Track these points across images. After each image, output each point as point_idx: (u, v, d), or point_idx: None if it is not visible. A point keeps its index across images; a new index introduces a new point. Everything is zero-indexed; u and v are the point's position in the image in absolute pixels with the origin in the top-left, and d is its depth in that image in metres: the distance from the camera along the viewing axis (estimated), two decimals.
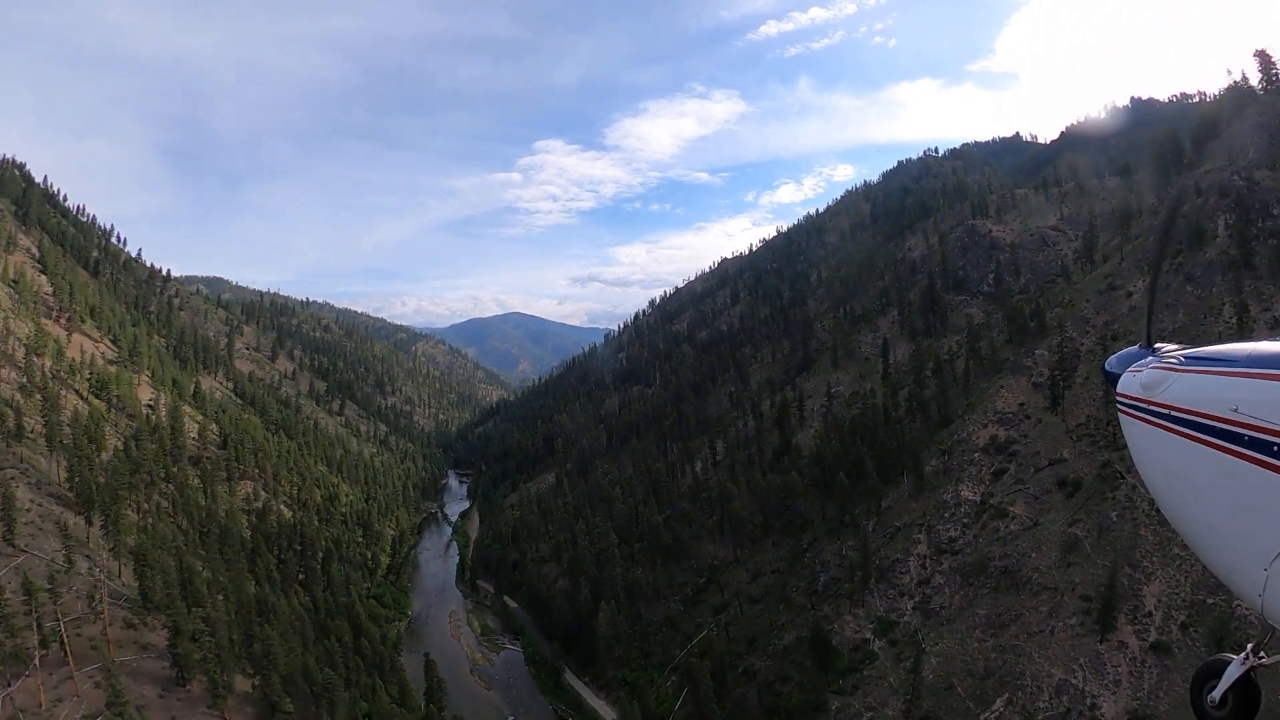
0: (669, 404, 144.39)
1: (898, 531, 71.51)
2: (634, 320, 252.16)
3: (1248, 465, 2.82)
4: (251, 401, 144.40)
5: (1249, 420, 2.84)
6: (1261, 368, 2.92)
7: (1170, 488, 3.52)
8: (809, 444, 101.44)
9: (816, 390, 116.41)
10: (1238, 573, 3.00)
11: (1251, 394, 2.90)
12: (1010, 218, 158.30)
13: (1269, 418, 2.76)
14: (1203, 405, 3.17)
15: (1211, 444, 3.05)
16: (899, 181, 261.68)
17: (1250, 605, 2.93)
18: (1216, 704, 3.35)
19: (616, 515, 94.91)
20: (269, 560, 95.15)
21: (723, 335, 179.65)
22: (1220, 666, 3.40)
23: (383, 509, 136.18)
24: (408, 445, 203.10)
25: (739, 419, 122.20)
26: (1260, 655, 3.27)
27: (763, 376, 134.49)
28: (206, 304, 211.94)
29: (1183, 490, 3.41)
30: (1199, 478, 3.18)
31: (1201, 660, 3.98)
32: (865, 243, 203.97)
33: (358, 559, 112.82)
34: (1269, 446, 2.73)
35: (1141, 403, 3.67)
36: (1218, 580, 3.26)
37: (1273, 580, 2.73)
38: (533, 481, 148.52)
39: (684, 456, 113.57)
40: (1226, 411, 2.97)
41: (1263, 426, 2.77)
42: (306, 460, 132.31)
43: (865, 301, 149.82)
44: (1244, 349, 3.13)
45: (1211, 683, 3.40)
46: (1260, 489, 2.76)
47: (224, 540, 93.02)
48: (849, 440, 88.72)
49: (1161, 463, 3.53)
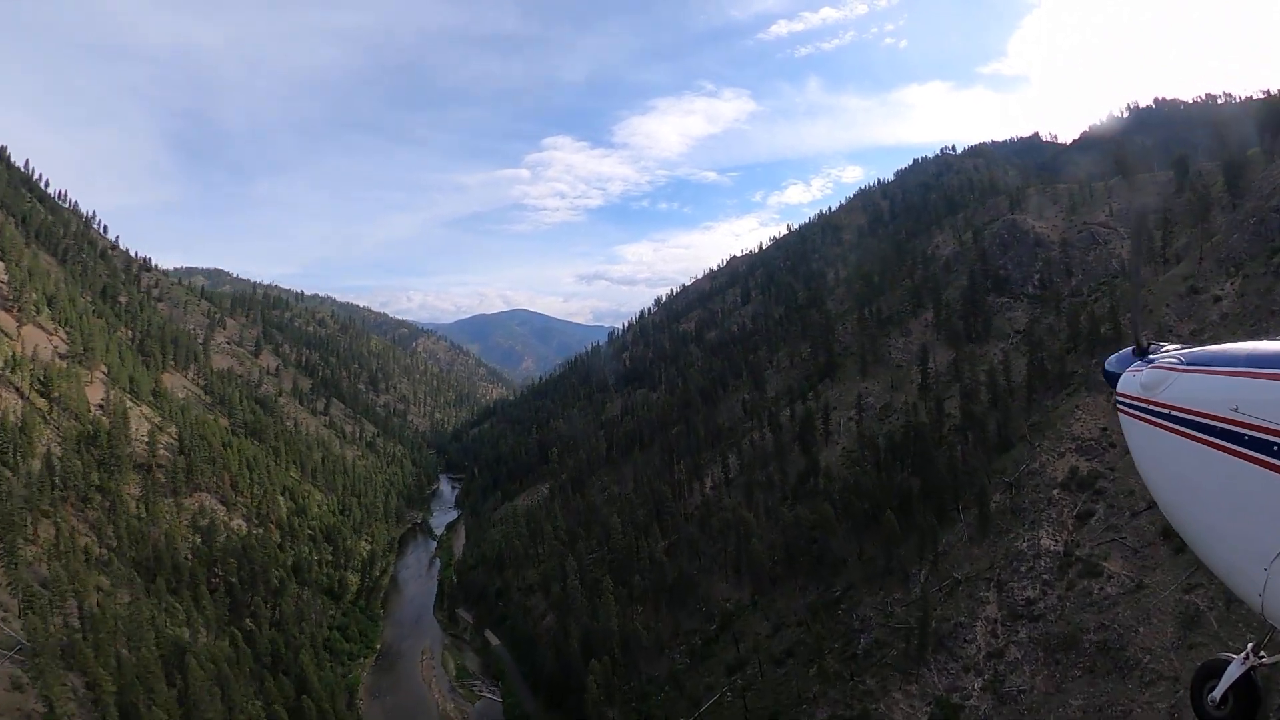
0: (675, 411, 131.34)
1: (957, 585, 58.22)
2: (638, 319, 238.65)
3: (1248, 465, 2.81)
4: (221, 401, 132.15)
5: (1249, 420, 2.82)
6: (1261, 368, 2.91)
7: (1170, 488, 3.47)
8: (836, 463, 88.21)
9: (843, 400, 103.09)
10: (1238, 573, 2.97)
11: (1251, 394, 2.88)
12: (1051, 213, 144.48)
13: (1269, 417, 2.75)
14: (1203, 405, 3.13)
15: (1212, 444, 3.02)
16: (917, 179, 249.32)
17: (1250, 605, 2.90)
18: (1217, 703, 3.28)
19: (614, 545, 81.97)
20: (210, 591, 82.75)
21: (733, 336, 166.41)
22: (1220, 666, 3.32)
23: (360, 521, 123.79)
24: (396, 448, 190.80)
25: (754, 430, 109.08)
26: (1260, 655, 3.22)
27: (780, 383, 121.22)
28: (189, 295, 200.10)
29: (1183, 490, 3.37)
30: (1199, 477, 3.15)
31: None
32: (886, 239, 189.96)
33: (324, 581, 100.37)
34: (1269, 446, 2.72)
35: (1141, 403, 3.59)
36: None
37: (1273, 580, 2.71)
38: (525, 493, 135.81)
39: (692, 472, 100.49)
40: (1226, 411, 2.94)
41: (1263, 426, 2.76)
42: (275, 467, 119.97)
43: (892, 302, 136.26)
44: (1244, 349, 3.10)
45: (1212, 682, 3.31)
46: (1260, 489, 2.75)
47: (158, 567, 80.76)
48: (888, 463, 75.46)
49: (1162, 463, 3.47)
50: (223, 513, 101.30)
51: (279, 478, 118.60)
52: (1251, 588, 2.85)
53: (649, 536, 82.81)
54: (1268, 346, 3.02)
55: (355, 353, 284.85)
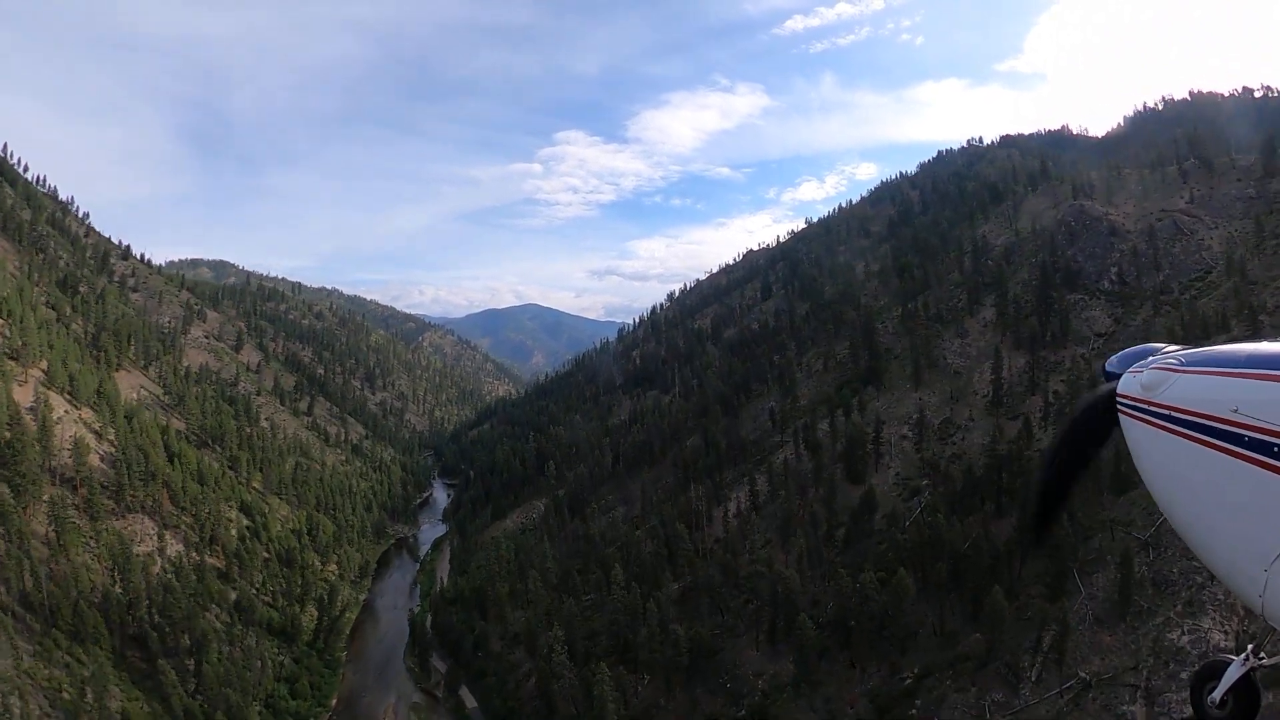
0: (691, 419, 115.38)
1: (1086, 690, 41.82)
2: (650, 314, 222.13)
3: (1248, 466, 2.80)
4: (180, 402, 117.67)
5: (1249, 421, 2.83)
6: (1262, 368, 2.91)
7: (1170, 488, 3.45)
8: (890, 493, 71.77)
9: (892, 413, 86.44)
10: (1238, 573, 2.97)
11: (1252, 394, 2.87)
12: (1120, 199, 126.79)
13: (1269, 418, 2.76)
14: (1203, 406, 3.11)
15: (1212, 445, 3.01)
16: (945, 170, 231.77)
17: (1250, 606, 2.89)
18: (1217, 705, 3.26)
19: (615, 597, 66.07)
20: (125, 640, 68.07)
21: (754, 335, 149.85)
22: (1220, 667, 3.30)
23: (330, 540, 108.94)
24: (386, 451, 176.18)
25: (785, 446, 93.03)
26: (1260, 656, 3.21)
27: (813, 389, 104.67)
28: (167, 286, 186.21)
29: (1183, 491, 3.36)
30: (1199, 478, 3.14)
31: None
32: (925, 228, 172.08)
33: (275, 619, 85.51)
34: (1269, 447, 2.73)
35: (1141, 403, 3.55)
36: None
37: (1273, 581, 2.72)
38: (519, 509, 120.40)
39: (712, 496, 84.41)
40: (1227, 412, 2.94)
41: (1263, 427, 2.76)
42: (232, 478, 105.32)
43: (940, 297, 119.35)
44: (1244, 349, 3.09)
45: (1211, 684, 3.29)
46: (1261, 490, 2.76)
47: (58, 612, 66.09)
48: (966, 500, 58.95)
49: (1162, 463, 3.45)
50: (157, 538, 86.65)
51: (236, 491, 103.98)
52: (1252, 588, 2.80)
53: (659, 585, 66.82)
54: (1268, 347, 2.99)
55: (353, 348, 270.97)
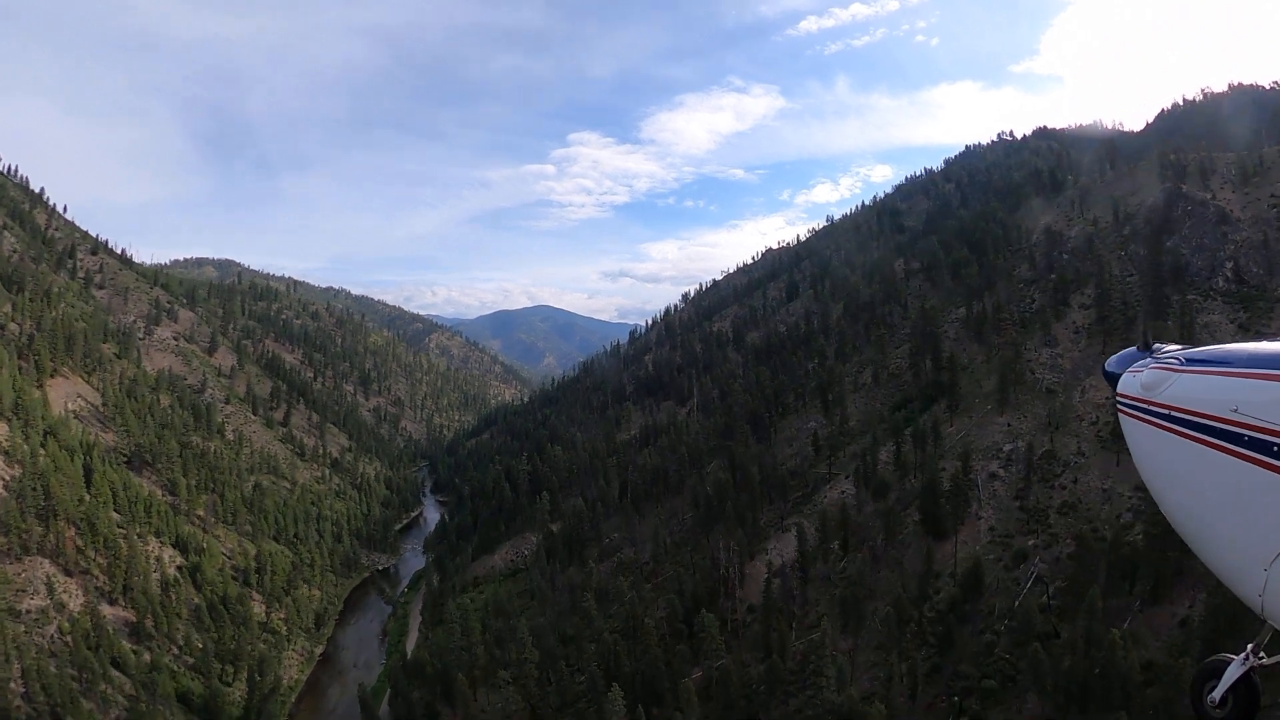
0: (713, 439, 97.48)
1: None
2: (663, 316, 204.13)
3: (1248, 466, 2.81)
4: (118, 416, 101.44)
5: (1249, 420, 2.83)
6: (1261, 368, 2.92)
7: (1170, 488, 3.47)
8: (988, 559, 53.43)
9: (975, 443, 67.91)
10: (1238, 573, 2.97)
11: (1252, 394, 2.88)
12: (1215, 183, 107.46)
13: (1269, 418, 2.76)
14: (1203, 405, 3.13)
15: (1212, 444, 3.02)
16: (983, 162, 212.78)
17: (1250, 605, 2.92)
18: (1217, 704, 3.28)
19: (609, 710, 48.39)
20: None
21: (783, 339, 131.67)
22: (1220, 667, 3.33)
23: (284, 582, 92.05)
24: (371, 465, 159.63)
25: (833, 478, 74.96)
26: (1260, 656, 3.23)
27: (863, 407, 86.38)
28: (138, 282, 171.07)
29: (1183, 491, 3.38)
30: (1199, 478, 3.16)
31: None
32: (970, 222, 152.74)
33: (196, 695, 68.60)
34: (1269, 447, 2.73)
35: (1141, 403, 3.60)
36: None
37: (1273, 580, 2.73)
38: (510, 542, 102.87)
39: (744, 550, 66.27)
40: (1226, 412, 2.95)
41: (1263, 427, 2.77)
42: (166, 508, 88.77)
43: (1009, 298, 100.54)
44: (1244, 349, 3.12)
45: (1211, 683, 3.32)
46: (1260, 489, 2.76)
47: None
48: (1115, 584, 40.58)
49: (1161, 463, 3.48)
50: (60, 586, 70.20)
51: (171, 522, 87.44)
52: (1251, 588, 2.83)
53: (675, 686, 48.95)
54: (1268, 347, 3.01)
55: (349, 349, 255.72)
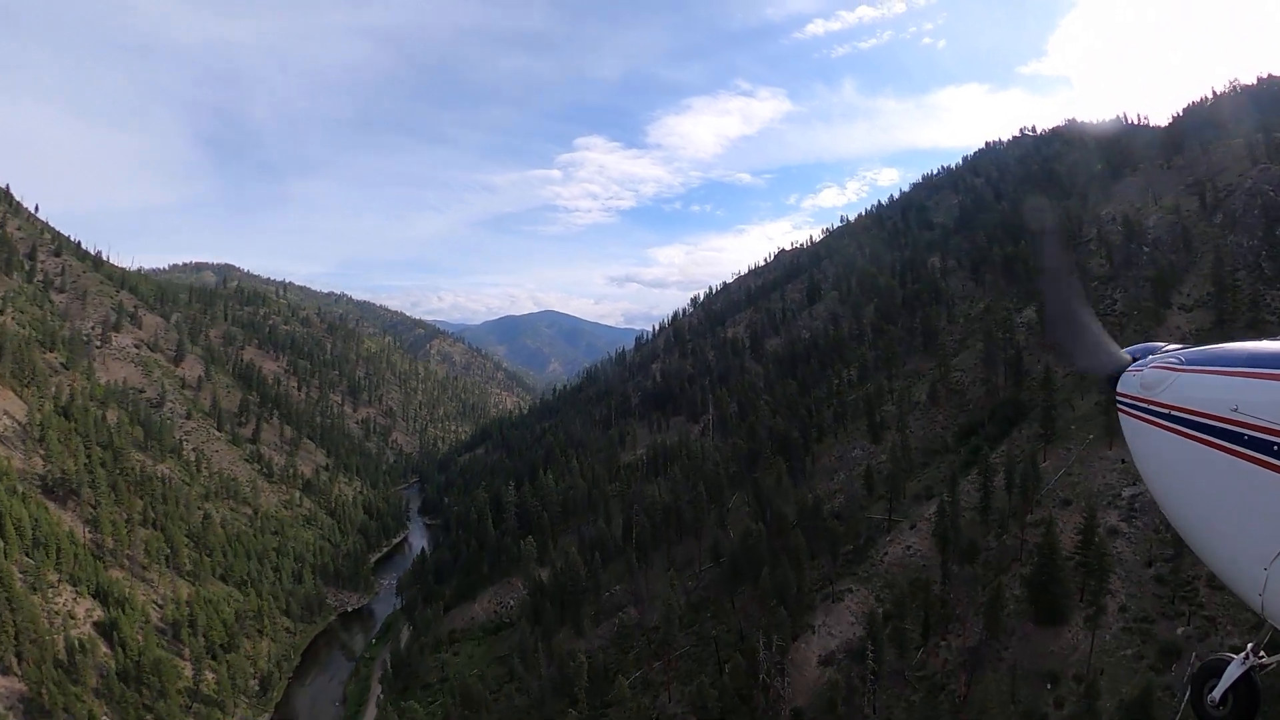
0: (734, 466, 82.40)
1: None
2: (671, 321, 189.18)
3: (1248, 465, 2.80)
4: (42, 439, 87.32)
5: (1249, 420, 2.82)
6: (1261, 367, 2.91)
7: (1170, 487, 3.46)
8: (1124, 661, 38.18)
9: (1082, 486, 52.60)
10: (1238, 572, 2.97)
11: (1251, 394, 2.88)
12: None
13: (1269, 418, 2.75)
14: (1203, 405, 3.12)
15: (1212, 444, 3.01)
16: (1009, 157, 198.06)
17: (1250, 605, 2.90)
18: (1217, 703, 3.28)
19: None
20: None
21: (808, 346, 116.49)
22: (1221, 666, 3.33)
23: (226, 632, 77.48)
24: (350, 486, 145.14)
25: (895, 527, 59.66)
26: (1260, 655, 3.23)
27: (921, 433, 71.04)
28: (103, 286, 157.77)
29: (1183, 490, 3.36)
30: (1199, 477, 3.14)
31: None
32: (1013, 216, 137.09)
33: None
34: (1269, 446, 2.72)
35: (1141, 402, 3.58)
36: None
37: (1273, 580, 2.72)
38: (493, 587, 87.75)
39: (784, 633, 50.81)
40: (1226, 411, 2.94)
41: (1263, 426, 2.76)
42: (86, 551, 74.37)
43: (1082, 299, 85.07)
44: (1244, 349, 3.10)
45: (1212, 682, 3.32)
46: (1260, 489, 2.75)
47: None
48: None
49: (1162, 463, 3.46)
50: None
51: (91, 567, 73.06)
52: (1251, 588, 2.82)
53: None
54: (1268, 346, 3.00)
55: (339, 357, 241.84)
